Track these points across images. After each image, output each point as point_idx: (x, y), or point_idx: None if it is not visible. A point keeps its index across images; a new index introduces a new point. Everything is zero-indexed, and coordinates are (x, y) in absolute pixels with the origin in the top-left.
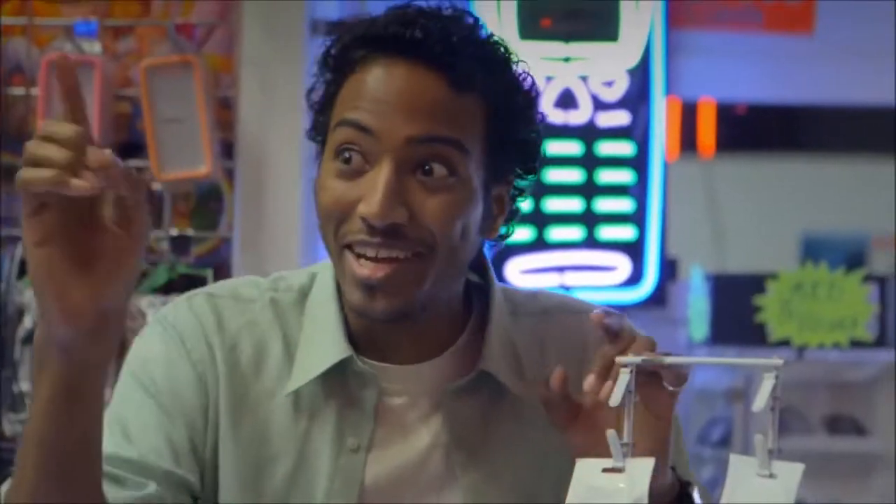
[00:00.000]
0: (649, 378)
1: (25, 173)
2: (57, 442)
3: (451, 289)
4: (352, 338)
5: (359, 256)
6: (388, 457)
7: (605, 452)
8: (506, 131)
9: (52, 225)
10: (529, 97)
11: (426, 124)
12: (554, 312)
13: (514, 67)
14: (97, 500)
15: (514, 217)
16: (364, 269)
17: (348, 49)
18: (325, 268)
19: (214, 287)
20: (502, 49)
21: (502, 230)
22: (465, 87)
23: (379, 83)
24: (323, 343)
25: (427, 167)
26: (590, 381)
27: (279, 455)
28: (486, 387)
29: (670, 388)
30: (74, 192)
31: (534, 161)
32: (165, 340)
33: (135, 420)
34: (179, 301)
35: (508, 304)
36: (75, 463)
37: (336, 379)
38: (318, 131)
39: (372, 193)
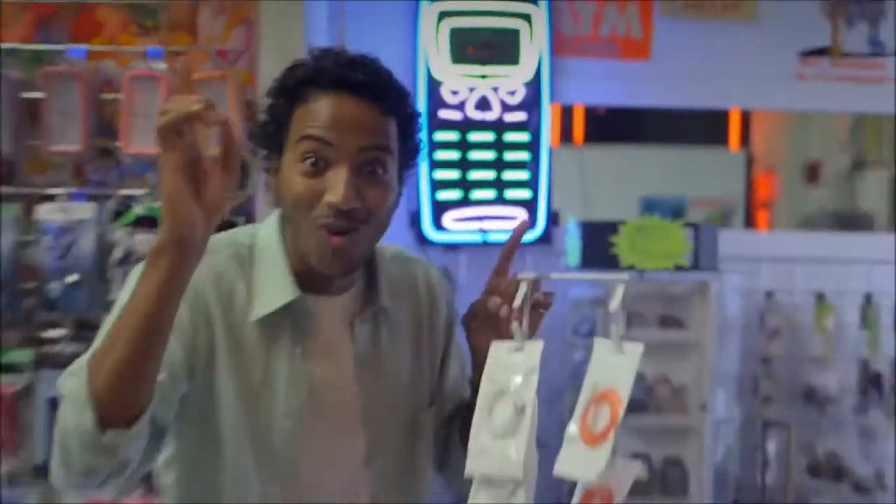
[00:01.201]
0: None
1: (163, 116)
2: (154, 317)
3: (373, 246)
4: (295, 279)
5: (329, 233)
6: (322, 363)
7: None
8: (408, 139)
9: (178, 162)
10: (418, 117)
11: (371, 138)
12: (393, 257)
13: (410, 99)
14: (153, 382)
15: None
16: (333, 240)
17: (300, 84)
18: (261, 229)
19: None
20: (405, 89)
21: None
22: (389, 112)
23: (333, 109)
24: (275, 286)
25: (370, 169)
26: (495, 301)
27: (253, 367)
28: (376, 314)
29: (541, 311)
30: (207, 120)
31: (417, 156)
32: None
33: None
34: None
35: (379, 253)
36: (158, 340)
37: (286, 310)
38: (268, 143)
39: (337, 187)
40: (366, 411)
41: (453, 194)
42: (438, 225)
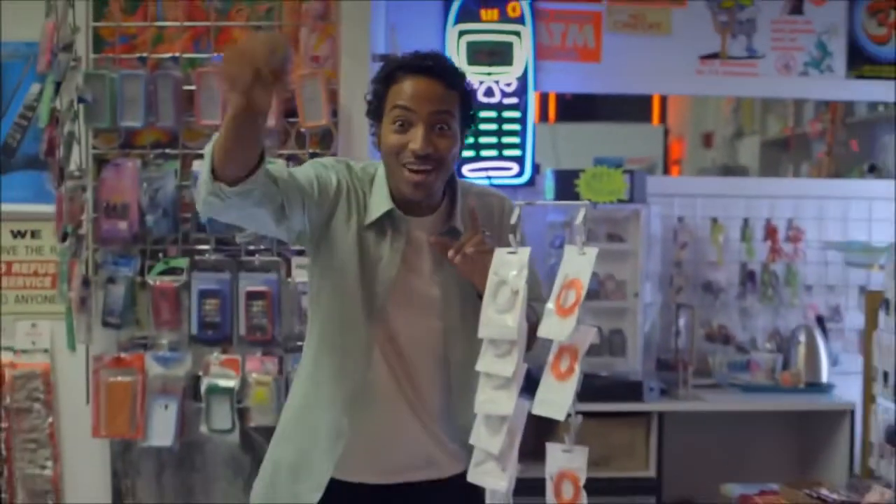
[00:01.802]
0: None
1: (231, 66)
2: (232, 127)
3: (444, 181)
4: (394, 201)
5: (410, 171)
6: (409, 258)
7: (475, 274)
8: (466, 107)
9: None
10: (474, 92)
11: (439, 105)
12: (478, 192)
13: (468, 80)
14: (258, 152)
15: (464, 147)
16: (414, 176)
17: (393, 71)
18: (379, 165)
19: (349, 161)
20: (462, 71)
21: (462, 153)
22: (451, 87)
23: (413, 86)
24: (380, 202)
25: (439, 126)
26: (451, 252)
27: (369, 250)
28: (452, 233)
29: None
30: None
31: (475, 121)
32: (331, 162)
33: (300, 169)
34: (341, 158)
35: (462, 188)
36: (236, 137)
37: (390, 218)
38: (374, 114)
39: (417, 139)
40: (442, 290)
41: (469, 153)
42: (459, 174)
